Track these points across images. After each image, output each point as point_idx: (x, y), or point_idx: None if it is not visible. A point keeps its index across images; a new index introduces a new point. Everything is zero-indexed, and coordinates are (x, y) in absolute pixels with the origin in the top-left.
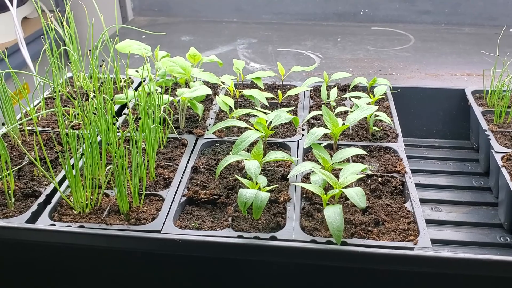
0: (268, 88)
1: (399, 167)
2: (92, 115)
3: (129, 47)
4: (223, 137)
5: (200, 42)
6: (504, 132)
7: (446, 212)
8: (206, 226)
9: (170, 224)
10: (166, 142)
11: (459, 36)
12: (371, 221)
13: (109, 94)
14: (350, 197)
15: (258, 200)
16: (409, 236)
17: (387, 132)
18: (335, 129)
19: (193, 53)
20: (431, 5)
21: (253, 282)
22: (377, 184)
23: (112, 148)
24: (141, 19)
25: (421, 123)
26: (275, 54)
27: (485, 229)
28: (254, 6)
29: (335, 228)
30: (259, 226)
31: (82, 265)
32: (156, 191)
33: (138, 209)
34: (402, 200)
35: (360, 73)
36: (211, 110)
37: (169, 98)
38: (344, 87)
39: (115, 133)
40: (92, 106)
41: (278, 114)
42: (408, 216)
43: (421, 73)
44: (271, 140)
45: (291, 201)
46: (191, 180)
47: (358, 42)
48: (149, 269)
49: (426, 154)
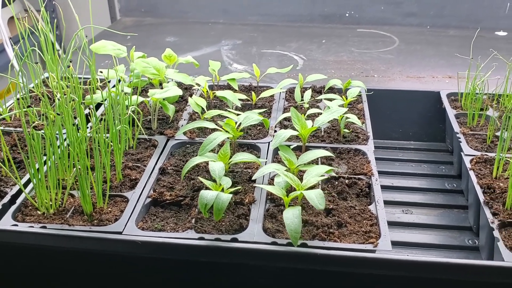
0: (245, 89)
1: (366, 169)
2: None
3: (104, 47)
4: (194, 138)
5: (185, 43)
6: (476, 135)
7: (417, 214)
8: (169, 227)
9: (132, 225)
10: (136, 143)
11: (443, 38)
12: (334, 223)
13: (79, 95)
14: (309, 199)
15: (219, 202)
16: (370, 239)
17: (358, 134)
18: (303, 131)
19: (169, 54)
20: (417, 7)
21: (214, 283)
22: (344, 186)
23: (73, 149)
24: (127, 20)
25: (397, 125)
26: (259, 56)
27: (455, 232)
28: (241, 8)
29: (293, 230)
30: (222, 227)
31: (45, 266)
32: (122, 192)
33: (102, 210)
34: (368, 202)
35: (342, 75)
36: (185, 111)
37: (137, 99)
38: (320, 89)
39: (75, 134)
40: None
41: (248, 115)
42: (371, 219)
43: (402, 75)
44: (242, 142)
45: (256, 203)
46: (158, 181)
47: (342, 44)
48: (111, 270)
49: (401, 156)
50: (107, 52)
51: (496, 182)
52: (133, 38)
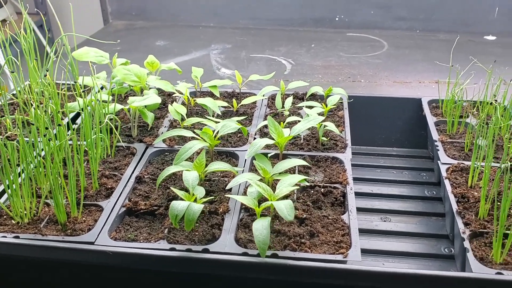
0: (228, 95)
1: (342, 178)
2: (31, 125)
3: (86, 54)
4: (173, 146)
5: (175, 47)
6: (454, 142)
7: (395, 222)
8: (142, 237)
9: (105, 235)
10: (115, 151)
11: (432, 42)
12: (306, 232)
13: (56, 102)
14: (278, 210)
15: (191, 212)
16: (341, 249)
17: (337, 142)
18: (279, 139)
19: (151, 61)
20: (407, 11)
21: None
22: (319, 194)
23: (46, 158)
24: (118, 23)
25: (380, 132)
26: (248, 60)
27: (432, 240)
28: (232, 11)
29: (261, 242)
30: (195, 238)
31: (18, 275)
32: (98, 201)
33: (76, 220)
34: (342, 211)
35: (329, 80)
36: (166, 118)
37: (115, 107)
38: (302, 96)
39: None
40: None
41: (226, 124)
42: (343, 228)
43: (389, 80)
44: (221, 150)
45: (230, 212)
46: (134, 190)
47: (331, 48)
48: (85, 280)
49: (383, 163)
50: (89, 59)
51: (471, 191)
52: (124, 41)
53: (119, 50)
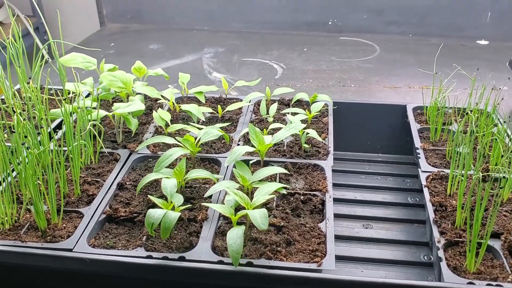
0: (215, 101)
1: (322, 185)
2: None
3: (73, 60)
4: (157, 152)
5: (168, 51)
6: (436, 150)
7: (376, 229)
8: (121, 244)
9: (84, 242)
10: (99, 157)
11: (425, 47)
12: (282, 241)
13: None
14: (252, 219)
15: (167, 220)
16: (316, 257)
17: (319, 149)
18: (260, 146)
19: (138, 66)
20: (399, 15)
21: None
22: (299, 202)
23: (23, 165)
24: (113, 26)
25: (366, 138)
26: (239, 64)
27: (412, 248)
28: (225, 15)
29: (234, 251)
30: (173, 245)
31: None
32: (79, 207)
33: (56, 226)
34: (320, 219)
35: (319, 84)
36: (152, 124)
37: (98, 114)
38: (288, 102)
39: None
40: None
41: (208, 130)
42: (319, 237)
43: (379, 85)
44: (204, 156)
45: (209, 220)
46: (115, 197)
47: (323, 53)
48: (64, 286)
49: (368, 169)
50: (76, 65)
51: (449, 200)
52: (117, 44)
53: (112, 53)
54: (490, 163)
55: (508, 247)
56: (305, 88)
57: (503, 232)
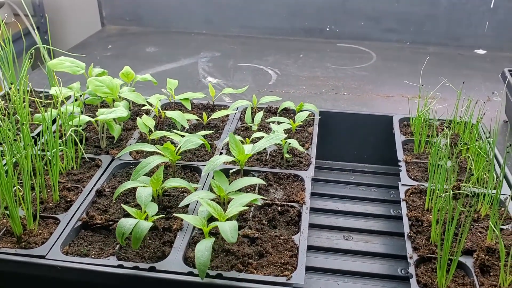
0: (202, 107)
1: (299, 196)
2: None
3: (61, 65)
4: (139, 159)
5: (164, 54)
6: (419, 163)
7: (356, 241)
8: (94, 252)
9: (57, 249)
10: (81, 162)
11: (422, 55)
12: (255, 253)
13: (21, 114)
14: (221, 232)
15: (138, 230)
16: (286, 271)
17: (301, 159)
18: (240, 156)
19: (126, 72)
20: (397, 23)
21: None
22: (276, 213)
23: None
24: (112, 28)
25: (352, 148)
26: (234, 69)
27: (391, 261)
28: (224, 19)
29: (201, 264)
30: (145, 255)
31: None
32: (56, 213)
33: (32, 232)
34: (295, 231)
35: (312, 91)
36: (136, 130)
37: (79, 119)
38: (275, 110)
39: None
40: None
41: (189, 138)
42: (292, 249)
43: (372, 94)
44: (186, 164)
45: (183, 230)
46: (93, 204)
47: (319, 59)
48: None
49: (353, 179)
50: (64, 69)
51: (426, 215)
52: (114, 47)
53: (109, 55)
54: (472, 178)
55: (480, 265)
56: (298, 95)
57: (476, 250)
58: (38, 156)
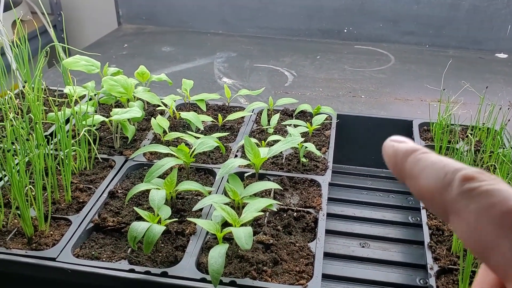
0: (218, 109)
1: (316, 202)
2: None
3: (76, 63)
4: (153, 160)
5: (180, 54)
6: None
7: (373, 249)
8: (105, 256)
9: (68, 252)
10: (94, 162)
11: (441, 58)
12: (270, 260)
13: (35, 113)
14: (236, 238)
15: (151, 234)
16: (301, 279)
17: (318, 163)
18: (255, 159)
19: (141, 71)
20: (415, 26)
21: None
22: (291, 219)
23: (9, 171)
24: (128, 27)
25: (370, 152)
26: (250, 70)
27: (409, 270)
28: (240, 20)
29: (215, 271)
30: (157, 259)
31: None
32: (68, 215)
33: (43, 234)
34: (311, 238)
35: (329, 93)
36: (151, 130)
37: (93, 119)
38: (292, 113)
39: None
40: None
41: (204, 141)
42: (308, 257)
43: (391, 97)
44: (200, 166)
45: (196, 234)
46: (105, 205)
47: (336, 61)
48: None
49: (370, 184)
50: (79, 68)
51: (447, 224)
52: (130, 46)
53: (125, 54)
54: None
55: None
56: (314, 97)
57: None
58: (50, 156)
